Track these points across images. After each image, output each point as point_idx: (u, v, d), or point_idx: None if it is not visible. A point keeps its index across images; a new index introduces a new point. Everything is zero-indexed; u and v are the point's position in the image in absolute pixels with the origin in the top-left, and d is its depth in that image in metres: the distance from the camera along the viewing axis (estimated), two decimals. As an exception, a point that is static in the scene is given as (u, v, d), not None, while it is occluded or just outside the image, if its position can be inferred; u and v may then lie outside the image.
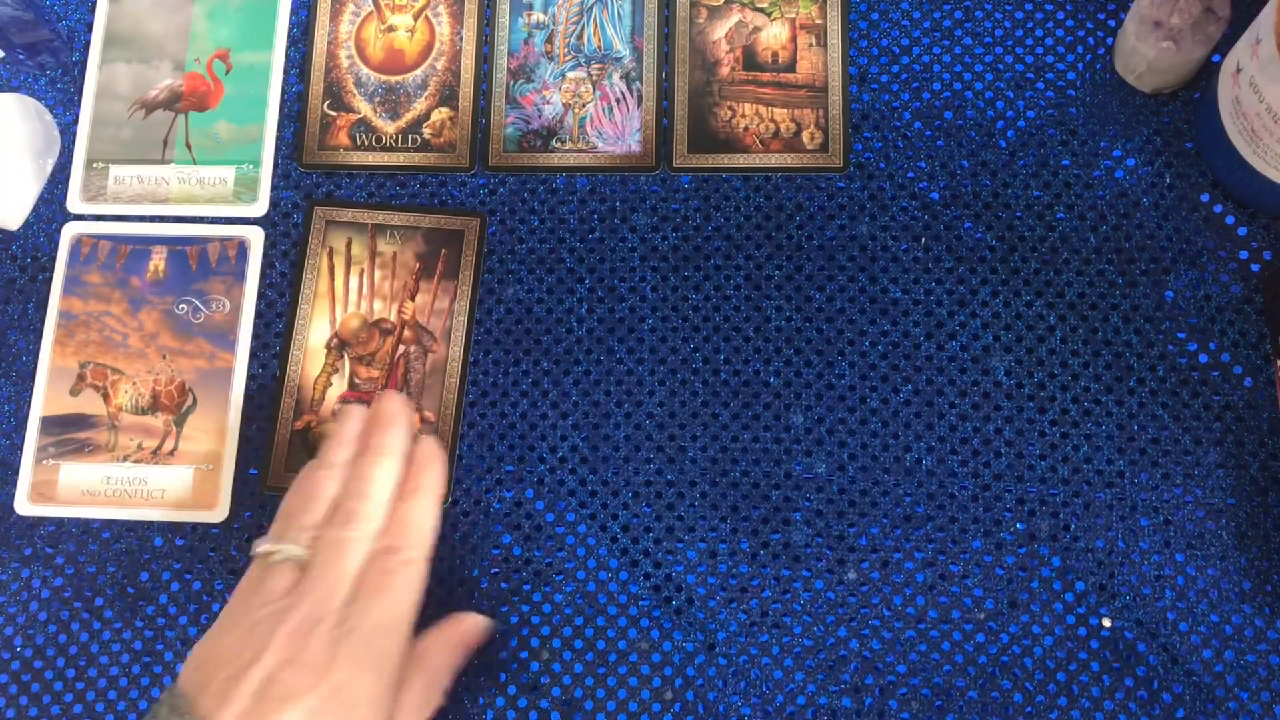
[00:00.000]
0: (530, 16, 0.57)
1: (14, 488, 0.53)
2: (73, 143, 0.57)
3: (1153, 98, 0.54)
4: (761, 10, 0.57)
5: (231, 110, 0.57)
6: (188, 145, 0.57)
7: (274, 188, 0.56)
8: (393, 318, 0.54)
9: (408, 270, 0.54)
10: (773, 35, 0.56)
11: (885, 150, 0.54)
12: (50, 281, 0.55)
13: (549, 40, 0.57)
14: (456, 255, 0.54)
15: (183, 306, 0.55)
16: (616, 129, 0.56)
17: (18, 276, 0.55)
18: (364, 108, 0.57)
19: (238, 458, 0.53)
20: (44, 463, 0.53)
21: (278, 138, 0.56)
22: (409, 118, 0.56)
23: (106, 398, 0.54)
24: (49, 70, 0.58)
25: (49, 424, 0.53)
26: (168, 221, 0.56)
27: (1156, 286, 0.52)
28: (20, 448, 0.53)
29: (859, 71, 0.56)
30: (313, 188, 0.56)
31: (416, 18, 0.58)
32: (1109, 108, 0.54)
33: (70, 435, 0.53)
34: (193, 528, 0.52)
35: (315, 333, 0.54)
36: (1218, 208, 0.53)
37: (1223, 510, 0.49)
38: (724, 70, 0.56)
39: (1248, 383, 0.51)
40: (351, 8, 0.58)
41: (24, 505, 0.52)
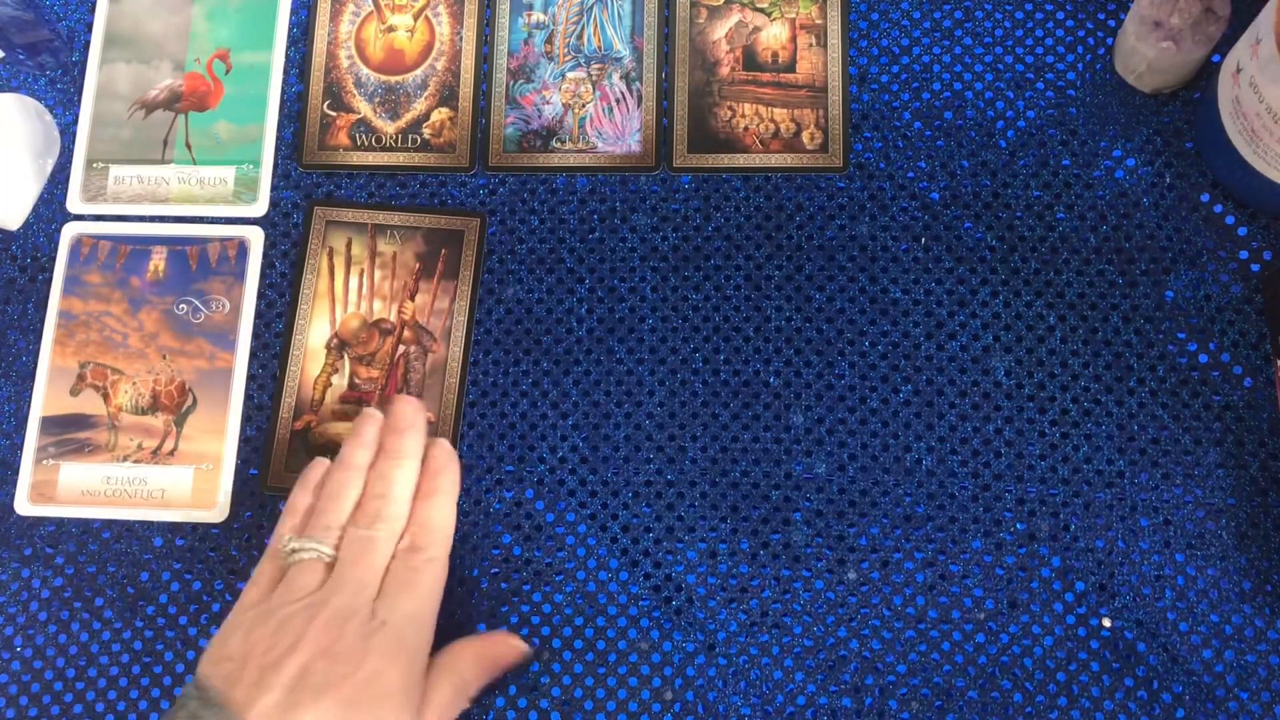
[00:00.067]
0: (530, 16, 0.57)
1: (14, 488, 0.53)
2: (73, 143, 0.57)
3: (1153, 98, 0.54)
4: (761, 10, 0.57)
5: (231, 110, 0.57)
6: (188, 145, 0.57)
7: (274, 188, 0.56)
8: (393, 318, 0.54)
9: (408, 270, 0.54)
10: (773, 35, 0.56)
11: (885, 150, 0.54)
12: (50, 281, 0.55)
13: (549, 40, 0.57)
14: (456, 255, 0.54)
15: (183, 306, 0.55)
16: (616, 129, 0.56)
17: (18, 276, 0.55)
18: (364, 108, 0.57)
19: (238, 458, 0.53)
20: (44, 463, 0.53)
21: (278, 138, 0.56)
22: (409, 118, 0.56)
23: (106, 398, 0.54)
24: (49, 70, 0.58)
25: (49, 424, 0.53)
26: (168, 221, 0.56)
27: (1156, 286, 0.52)
28: (20, 448, 0.53)
29: (859, 71, 0.56)
30: (313, 188, 0.56)
31: (416, 18, 0.58)
32: (1109, 108, 0.54)
33: (70, 435, 0.53)
34: (193, 528, 0.52)
35: (315, 333, 0.54)
36: (1218, 208, 0.53)
37: (1223, 510, 0.49)
38: (724, 70, 0.56)
39: (1248, 383, 0.51)
40: (351, 8, 0.58)
41: (24, 505, 0.52)
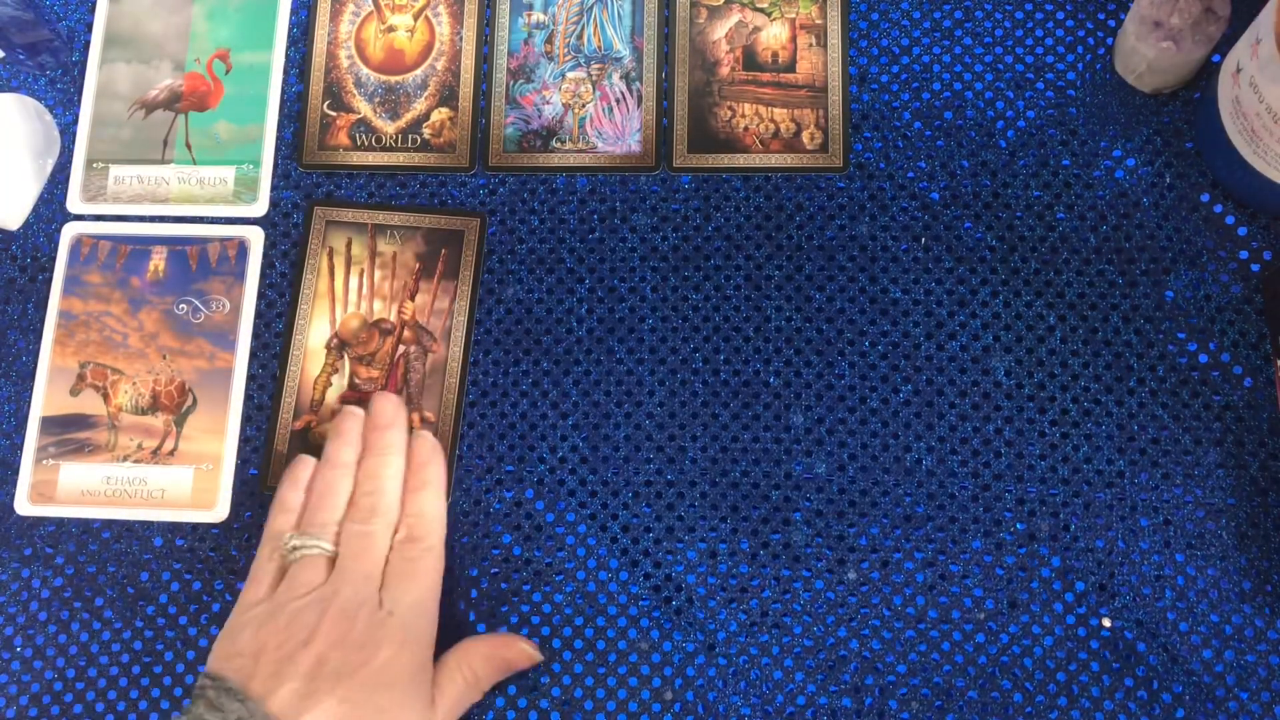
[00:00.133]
0: (530, 16, 0.57)
1: (14, 488, 0.53)
2: (73, 143, 0.57)
3: (1153, 98, 0.54)
4: (761, 10, 0.57)
5: (231, 110, 0.57)
6: (188, 145, 0.57)
7: (274, 188, 0.56)
8: (393, 318, 0.54)
9: (408, 270, 0.54)
10: (773, 35, 0.56)
11: (885, 150, 0.54)
12: (50, 281, 0.55)
13: (549, 40, 0.57)
14: (456, 255, 0.54)
15: (183, 306, 0.55)
16: (616, 129, 0.56)
17: (18, 276, 0.55)
18: (364, 108, 0.57)
19: (238, 458, 0.53)
20: (44, 463, 0.53)
21: (278, 138, 0.56)
22: (409, 118, 0.56)
23: (106, 398, 0.54)
24: (49, 70, 0.58)
25: (49, 424, 0.53)
26: (168, 221, 0.56)
27: (1156, 286, 0.52)
28: (20, 448, 0.53)
29: (859, 71, 0.56)
30: (313, 188, 0.56)
31: (416, 18, 0.58)
32: (1109, 108, 0.54)
33: (70, 435, 0.53)
34: (193, 528, 0.52)
35: (315, 333, 0.54)
36: (1218, 208, 0.53)
37: (1223, 510, 0.49)
38: (724, 70, 0.56)
39: (1248, 383, 0.51)
40: (351, 8, 0.58)
41: (24, 505, 0.52)
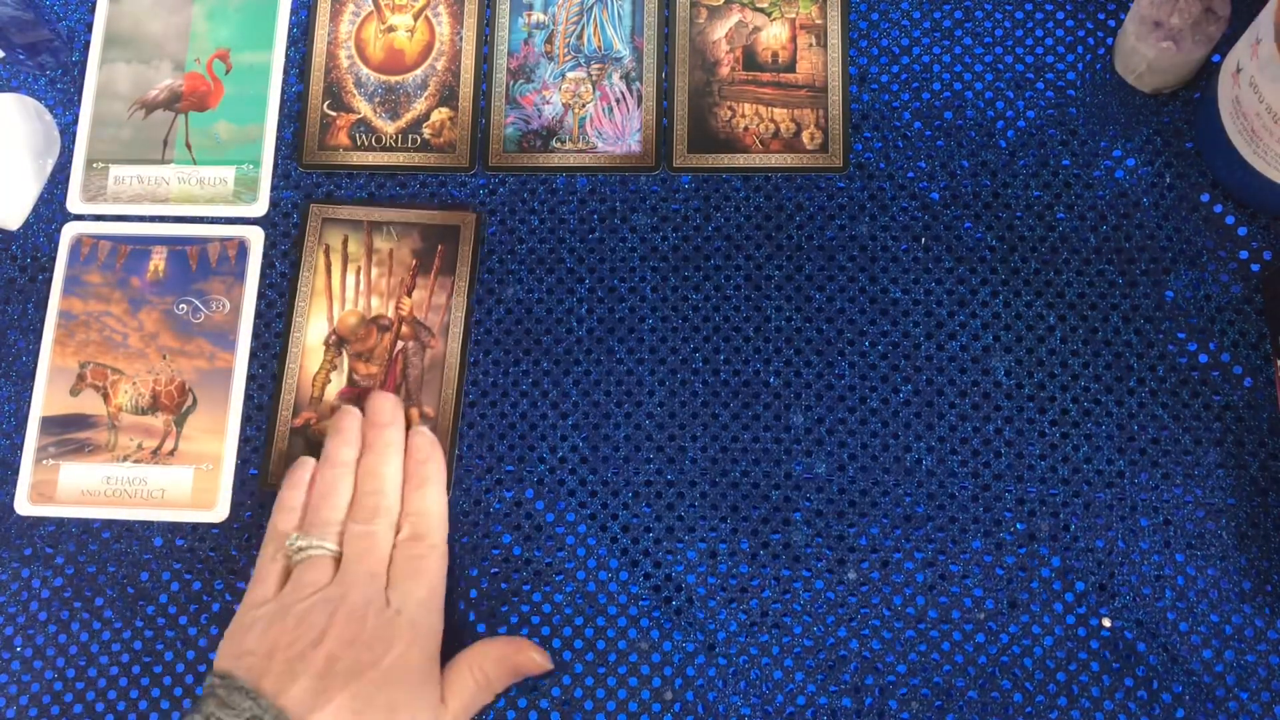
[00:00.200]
0: (530, 16, 0.57)
1: (14, 488, 0.53)
2: (73, 143, 0.57)
3: (1153, 98, 0.54)
4: (761, 10, 0.57)
5: (231, 110, 0.57)
6: (188, 145, 0.57)
7: (274, 188, 0.56)
8: (390, 314, 0.54)
9: (404, 266, 0.54)
10: (773, 35, 0.56)
11: (885, 150, 0.54)
12: (50, 281, 0.55)
13: (549, 40, 0.57)
14: (453, 250, 0.54)
15: (183, 306, 0.55)
16: (616, 129, 0.56)
17: (18, 276, 0.55)
18: (364, 108, 0.57)
19: (238, 458, 0.53)
20: (44, 463, 0.53)
21: (278, 138, 0.56)
22: (409, 118, 0.56)
23: (106, 398, 0.54)
24: (49, 70, 0.58)
25: (49, 424, 0.53)
26: (168, 221, 0.56)
27: (1156, 286, 0.52)
28: (20, 448, 0.53)
29: (859, 71, 0.56)
30: (313, 188, 0.56)
31: (416, 18, 0.58)
32: (1109, 108, 0.54)
33: (70, 435, 0.53)
34: (193, 528, 0.52)
35: (313, 330, 0.54)
36: (1218, 208, 0.53)
37: (1223, 510, 0.49)
38: (724, 70, 0.56)
39: (1248, 383, 0.51)
40: (351, 8, 0.58)
41: (24, 505, 0.52)
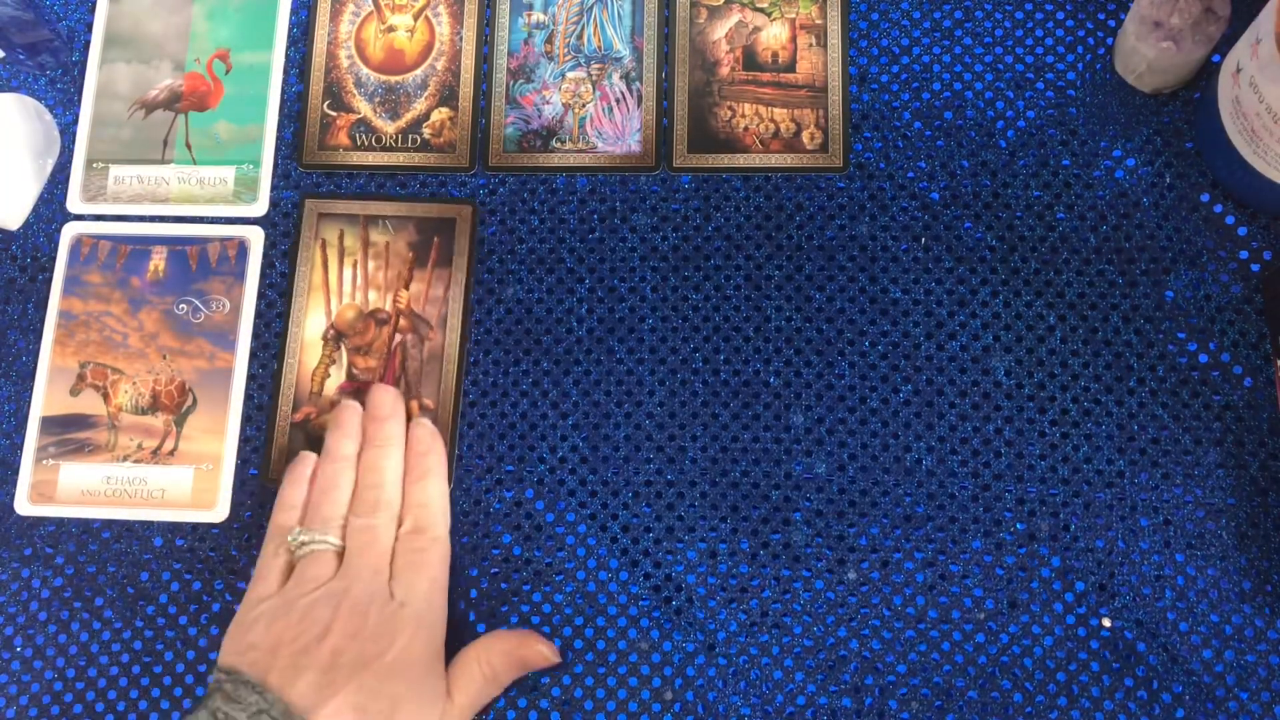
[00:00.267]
0: (530, 16, 0.57)
1: (14, 488, 0.53)
2: (73, 143, 0.57)
3: (1153, 98, 0.54)
4: (761, 10, 0.57)
5: (231, 110, 0.57)
6: (188, 145, 0.57)
7: (274, 188, 0.56)
8: (388, 307, 0.54)
9: (401, 259, 0.54)
10: (773, 35, 0.56)
11: (885, 150, 0.54)
12: (50, 281, 0.55)
13: (549, 40, 0.57)
14: (449, 243, 0.54)
15: (183, 306, 0.55)
16: (616, 129, 0.56)
17: (18, 276, 0.55)
18: (364, 108, 0.57)
19: (238, 457, 0.53)
20: (44, 463, 0.53)
21: (278, 138, 0.56)
22: (409, 118, 0.56)
23: (106, 398, 0.54)
24: (49, 70, 0.58)
25: (49, 424, 0.53)
26: (168, 221, 0.56)
27: (1156, 286, 0.52)
28: (20, 448, 0.53)
29: (859, 71, 0.56)
30: (313, 188, 0.56)
31: (416, 18, 0.58)
32: (1109, 108, 0.54)
33: (70, 435, 0.53)
34: (193, 528, 0.52)
35: (311, 325, 0.54)
36: (1218, 208, 0.53)
37: (1223, 510, 0.49)
38: (724, 70, 0.56)
39: (1248, 383, 0.51)
40: (351, 8, 0.58)
41: (24, 505, 0.52)
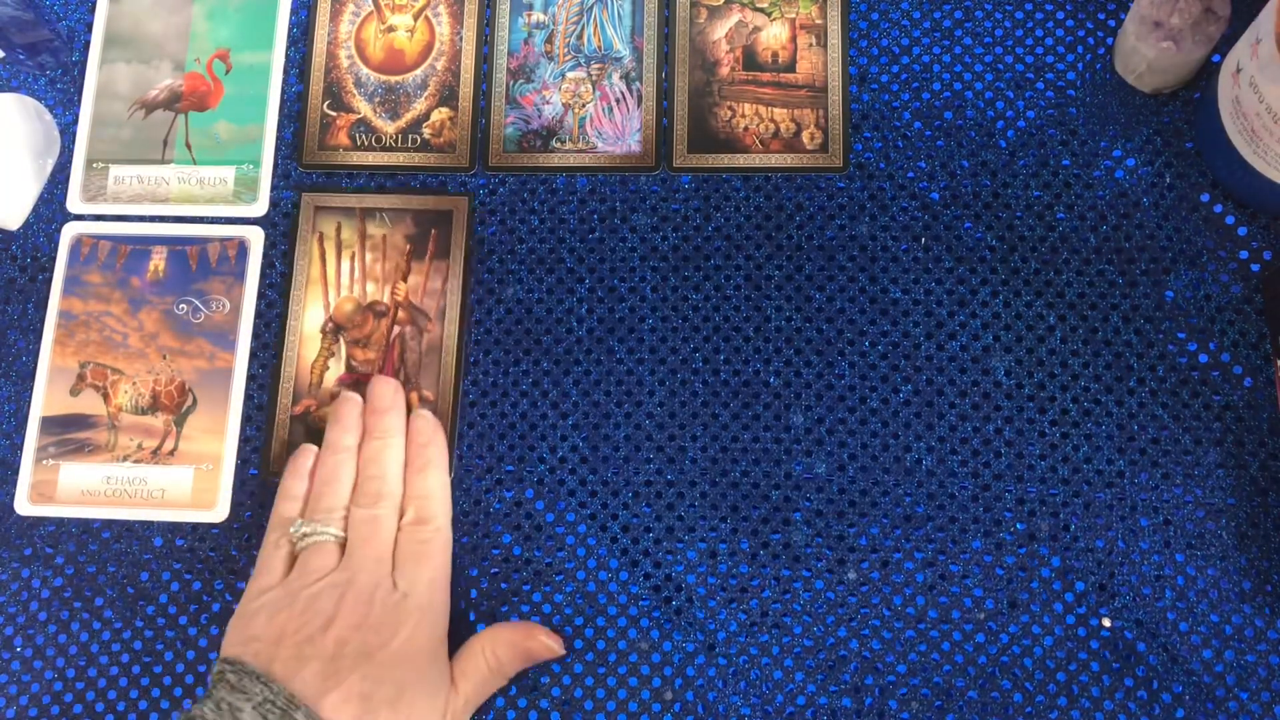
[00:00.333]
0: (530, 16, 0.57)
1: (14, 488, 0.53)
2: (73, 143, 0.57)
3: (1153, 98, 0.54)
4: (761, 10, 0.57)
5: (231, 110, 0.57)
6: (188, 145, 0.57)
7: (274, 188, 0.56)
8: (386, 299, 0.54)
9: (398, 252, 0.54)
10: (773, 35, 0.56)
11: (885, 150, 0.54)
12: (50, 281, 0.55)
13: (549, 40, 0.57)
14: (446, 235, 0.54)
15: (183, 306, 0.55)
16: (616, 129, 0.56)
17: (18, 276, 0.55)
18: (364, 108, 0.57)
19: (238, 458, 0.53)
20: (44, 463, 0.53)
21: (278, 138, 0.56)
22: (409, 118, 0.56)
23: (106, 398, 0.54)
24: (49, 70, 0.58)
25: (49, 424, 0.53)
26: (168, 221, 0.56)
27: (1156, 286, 0.52)
28: (20, 448, 0.53)
29: (859, 71, 0.56)
30: (313, 188, 0.56)
31: (416, 18, 0.58)
32: (1109, 108, 0.54)
33: (70, 435, 0.53)
34: (193, 528, 0.52)
35: (310, 318, 0.54)
36: (1218, 208, 0.53)
37: (1223, 510, 0.49)
38: (724, 70, 0.56)
39: (1248, 383, 0.51)
40: (351, 8, 0.58)
41: (24, 505, 0.52)
